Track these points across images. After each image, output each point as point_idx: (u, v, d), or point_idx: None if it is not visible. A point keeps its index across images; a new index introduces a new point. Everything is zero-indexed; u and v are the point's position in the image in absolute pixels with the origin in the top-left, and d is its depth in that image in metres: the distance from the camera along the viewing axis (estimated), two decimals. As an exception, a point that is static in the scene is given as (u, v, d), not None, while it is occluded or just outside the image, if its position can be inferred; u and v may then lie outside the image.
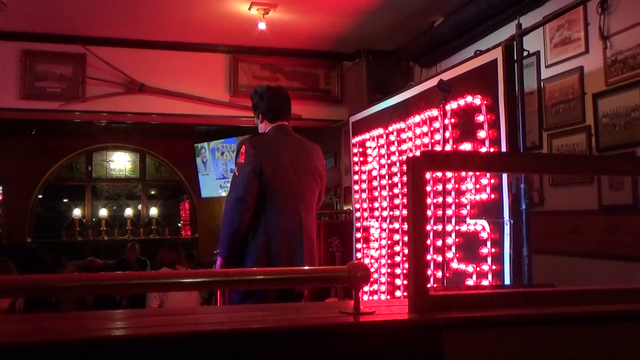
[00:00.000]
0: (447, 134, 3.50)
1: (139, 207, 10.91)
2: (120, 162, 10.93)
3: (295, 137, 3.48)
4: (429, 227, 3.62)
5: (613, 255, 3.38)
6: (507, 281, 2.98)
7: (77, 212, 10.33)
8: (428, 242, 3.60)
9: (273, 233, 3.18)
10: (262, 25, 5.05)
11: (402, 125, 4.18)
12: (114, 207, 10.94)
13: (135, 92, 5.73)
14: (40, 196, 10.19)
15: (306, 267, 1.44)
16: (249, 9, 4.90)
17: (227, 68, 6.01)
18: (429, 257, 3.60)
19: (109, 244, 10.15)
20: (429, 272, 3.58)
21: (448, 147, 3.48)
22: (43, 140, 9.72)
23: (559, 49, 3.93)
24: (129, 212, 10.58)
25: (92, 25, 5.40)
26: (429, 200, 3.65)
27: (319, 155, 3.55)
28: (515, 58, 3.12)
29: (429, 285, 1.49)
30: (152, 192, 11.16)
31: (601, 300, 1.61)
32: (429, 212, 3.64)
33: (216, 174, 9.71)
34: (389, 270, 4.35)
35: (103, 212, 10.46)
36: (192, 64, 5.93)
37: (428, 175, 3.59)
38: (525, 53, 3.18)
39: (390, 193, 4.34)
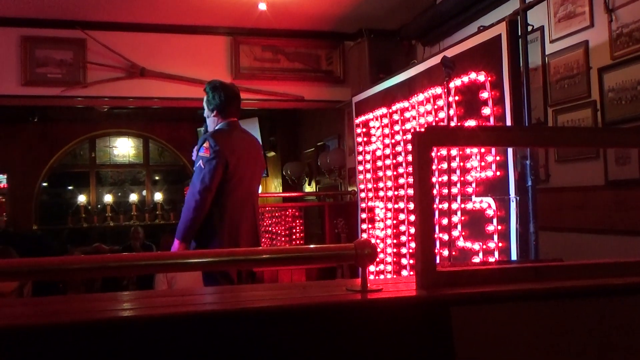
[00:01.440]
0: (452, 112, 3.48)
1: (144, 192, 10.93)
2: (124, 148, 10.93)
3: (245, 132, 3.87)
4: (434, 206, 3.61)
5: (620, 231, 3.37)
6: (514, 258, 2.97)
7: (82, 198, 10.36)
8: (434, 220, 3.58)
9: (235, 218, 3.56)
10: (262, 6, 5.01)
11: (406, 104, 4.15)
12: (119, 193, 10.96)
13: (137, 76, 5.70)
14: (44, 184, 10.21)
15: (313, 246, 1.44)
16: (249, -11, 4.86)
17: (229, 50, 5.97)
18: (435, 235, 3.59)
19: (115, 229, 10.19)
20: (436, 250, 3.57)
21: (453, 125, 3.45)
22: (45, 128, 9.72)
23: (563, 23, 3.88)
24: (133, 197, 10.61)
25: (92, 10, 5.36)
26: (434, 179, 3.64)
27: (261, 148, 4.05)
28: (519, 33, 3.08)
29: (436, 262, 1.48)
30: (156, 177, 11.17)
31: (609, 273, 1.60)
32: (434, 191, 3.62)
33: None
34: (394, 250, 4.34)
35: (108, 198, 10.49)
36: (193, 47, 5.89)
37: (433, 154, 3.57)
38: (529, 28, 3.14)
39: (395, 173, 4.33)
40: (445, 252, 3.39)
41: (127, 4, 5.25)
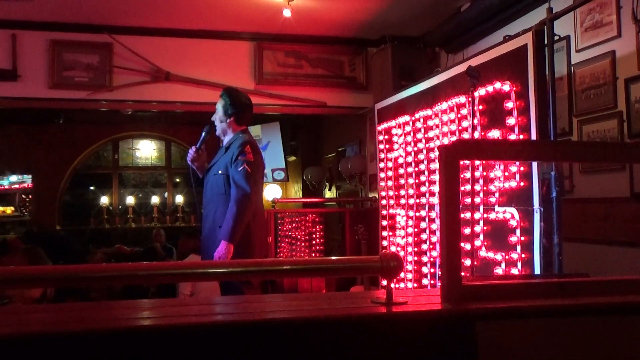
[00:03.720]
0: (476, 121, 3.46)
1: (165, 194, 11.02)
2: (146, 150, 11.04)
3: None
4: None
5: (645, 243, 3.33)
6: (537, 270, 2.95)
7: (104, 200, 10.48)
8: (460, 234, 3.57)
9: (262, 220, 3.98)
10: (287, 13, 5.03)
11: (429, 112, 4.14)
12: (140, 195, 11.07)
13: (161, 80, 5.76)
14: (68, 184, 10.34)
15: (338, 258, 1.44)
16: (274, -5, 4.89)
17: (252, 56, 6.00)
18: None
19: (136, 231, 10.28)
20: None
21: (476, 135, 3.44)
22: (70, 129, 9.86)
23: (590, 33, 3.84)
24: (155, 199, 10.70)
25: (119, 14, 5.43)
26: (456, 188, 3.62)
27: None
28: (545, 43, 3.07)
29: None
30: (177, 180, 11.26)
31: (637, 290, 1.58)
32: (456, 200, 3.60)
33: (241, 161, 9.73)
34: (415, 259, 4.33)
35: (130, 200, 10.59)
36: (218, 52, 5.93)
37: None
38: (555, 38, 3.12)
39: (417, 181, 4.32)
40: (468, 262, 3.37)
41: (154, 10, 5.31)
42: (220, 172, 3.80)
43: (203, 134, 3.99)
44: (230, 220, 3.59)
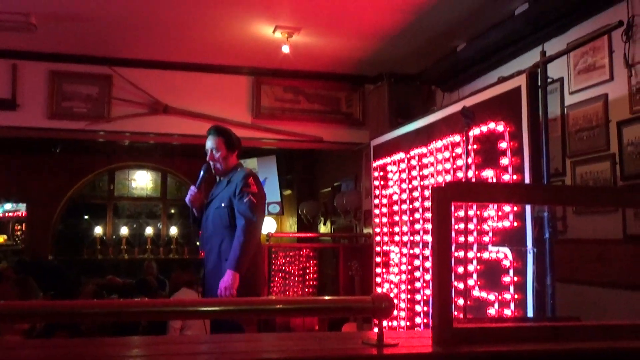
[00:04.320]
0: (470, 161, 3.49)
1: (159, 225, 10.99)
2: (142, 181, 11.04)
3: None
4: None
5: (639, 286, 3.32)
6: (530, 311, 2.94)
7: (98, 230, 10.44)
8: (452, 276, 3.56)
9: (261, 253, 4.06)
10: (285, 49, 5.10)
11: (424, 150, 4.17)
12: (135, 226, 11.04)
13: (159, 112, 5.80)
14: (62, 214, 10.31)
15: (329, 298, 1.44)
16: (273, 32, 4.95)
17: (250, 90, 6.06)
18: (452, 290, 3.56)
19: (129, 262, 10.22)
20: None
21: (470, 174, 3.46)
22: (67, 159, 9.87)
23: (583, 75, 3.90)
24: (149, 231, 10.67)
25: (119, 47, 5.50)
26: (450, 226, 3.62)
27: None
28: (539, 85, 3.11)
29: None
30: (172, 211, 11.24)
31: (629, 335, 1.58)
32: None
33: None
34: (408, 297, 4.31)
35: (124, 231, 10.55)
36: (216, 86, 5.99)
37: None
38: (549, 80, 3.17)
39: (411, 218, 4.32)
40: (461, 302, 3.36)
41: (154, 42, 5.38)
42: (223, 205, 3.81)
43: (201, 173, 3.99)
44: (237, 249, 3.59)
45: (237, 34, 5.07)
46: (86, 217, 11.00)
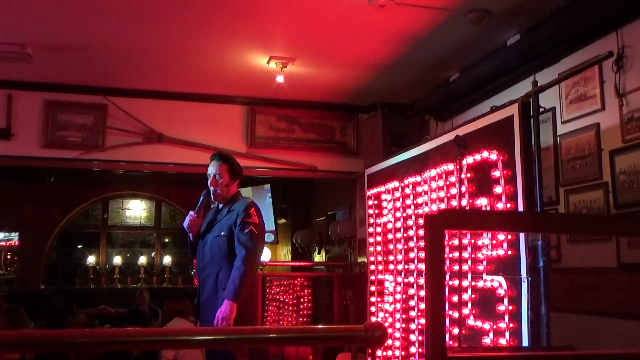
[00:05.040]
0: (463, 189, 3.50)
1: (153, 254, 10.93)
2: (136, 210, 11.01)
3: None
4: (445, 285, 3.57)
5: (634, 315, 3.31)
6: (525, 340, 2.92)
7: (91, 259, 10.37)
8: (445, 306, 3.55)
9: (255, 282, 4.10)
10: (280, 79, 5.14)
11: (418, 178, 4.18)
12: (128, 255, 10.98)
13: (154, 141, 5.81)
14: (55, 243, 10.25)
15: (322, 327, 1.42)
16: (268, 62, 5.00)
17: (245, 119, 6.09)
18: (446, 321, 3.55)
19: (122, 292, 10.14)
20: (446, 329, 3.52)
21: (464, 202, 3.47)
22: (61, 188, 9.84)
23: (574, 105, 3.95)
24: (142, 260, 10.60)
25: (114, 77, 5.53)
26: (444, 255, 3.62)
27: None
28: (531, 114, 3.14)
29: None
30: (166, 240, 11.19)
31: (624, 365, 1.58)
32: (444, 267, 3.60)
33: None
34: (403, 326, 4.28)
35: (117, 260, 10.49)
36: (211, 115, 6.02)
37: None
38: (541, 109, 3.20)
39: (406, 247, 4.32)
40: (455, 331, 3.34)
41: (149, 72, 5.42)
42: (222, 233, 3.79)
43: (201, 198, 3.96)
44: (237, 279, 3.57)
45: (232, 64, 5.11)
46: (79, 246, 10.94)
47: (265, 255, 9.07)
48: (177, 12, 4.14)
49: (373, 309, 4.79)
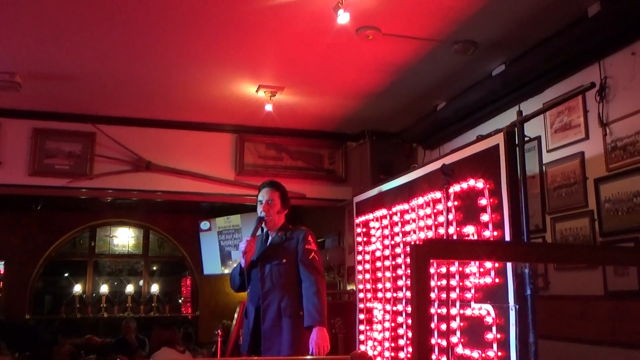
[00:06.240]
0: (451, 217, 3.52)
1: (140, 283, 10.82)
2: (124, 238, 10.93)
3: None
4: (432, 310, 3.58)
5: (621, 343, 3.32)
6: (513, 369, 2.92)
7: (77, 288, 10.24)
8: (432, 325, 3.55)
9: None
10: (268, 107, 5.18)
11: (406, 206, 4.20)
12: (115, 283, 10.86)
13: (142, 169, 5.81)
14: (41, 272, 10.12)
15: (310, 357, 1.41)
16: (257, 91, 5.04)
17: (234, 147, 6.11)
18: (433, 341, 3.54)
19: (109, 321, 9.99)
20: (434, 357, 3.51)
21: (451, 230, 3.49)
22: (48, 215, 9.75)
23: (559, 134, 4.00)
24: (130, 288, 10.49)
25: (103, 105, 5.55)
26: (432, 283, 3.63)
27: None
28: (516, 143, 3.17)
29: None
30: (154, 268, 11.10)
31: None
32: (432, 295, 3.60)
33: (219, 250, 9.69)
34: (392, 354, 4.26)
35: (104, 289, 10.37)
36: (199, 143, 6.03)
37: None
38: (526, 138, 3.24)
39: (394, 274, 4.32)
40: (444, 359, 3.33)
41: (137, 101, 5.43)
42: (284, 261, 3.76)
43: (256, 224, 3.85)
44: (319, 304, 3.63)
45: (221, 92, 5.15)
46: (66, 274, 10.81)
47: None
48: (167, 41, 4.18)
49: (362, 337, 4.77)
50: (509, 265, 3.05)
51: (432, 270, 3.63)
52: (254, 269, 3.82)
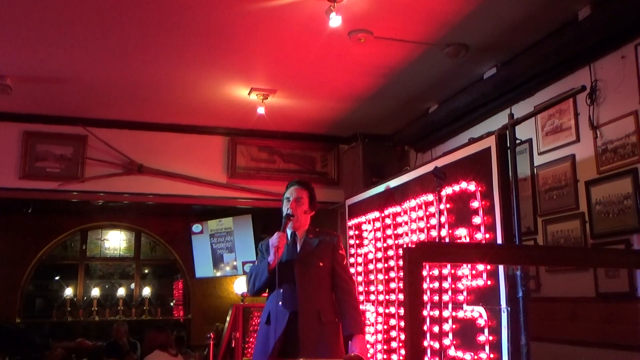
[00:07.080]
0: (443, 219, 3.53)
1: (132, 286, 10.77)
2: (115, 241, 10.87)
3: None
4: (425, 313, 3.58)
5: (611, 344, 3.34)
6: (505, 371, 2.93)
7: (68, 291, 10.17)
8: (425, 327, 3.55)
9: None
10: (261, 110, 5.18)
11: (398, 209, 4.21)
12: (107, 286, 10.80)
13: (134, 172, 5.79)
14: (32, 275, 10.06)
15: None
16: (249, 94, 5.03)
17: (226, 150, 6.10)
18: (425, 343, 3.55)
19: (100, 324, 9.93)
20: (426, 360, 3.52)
21: (444, 233, 3.50)
22: (39, 219, 9.68)
23: (550, 137, 4.02)
24: (121, 291, 10.43)
25: (94, 108, 5.52)
26: (425, 285, 3.63)
27: None
28: (508, 146, 3.19)
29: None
30: (146, 271, 11.05)
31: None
32: (424, 297, 3.61)
33: (212, 253, 9.67)
34: (385, 357, 4.26)
35: (95, 292, 10.30)
36: (191, 146, 6.02)
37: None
38: (517, 141, 3.25)
39: (386, 277, 4.32)
40: (437, 362, 3.34)
41: (130, 103, 5.41)
42: (322, 264, 3.61)
43: (284, 221, 3.67)
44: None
45: (213, 95, 5.14)
46: (57, 278, 10.75)
47: (246, 286, 8.98)
48: (157, 43, 4.17)
49: (354, 340, 4.76)
50: (500, 267, 3.06)
51: (424, 273, 3.64)
52: (284, 270, 3.56)
